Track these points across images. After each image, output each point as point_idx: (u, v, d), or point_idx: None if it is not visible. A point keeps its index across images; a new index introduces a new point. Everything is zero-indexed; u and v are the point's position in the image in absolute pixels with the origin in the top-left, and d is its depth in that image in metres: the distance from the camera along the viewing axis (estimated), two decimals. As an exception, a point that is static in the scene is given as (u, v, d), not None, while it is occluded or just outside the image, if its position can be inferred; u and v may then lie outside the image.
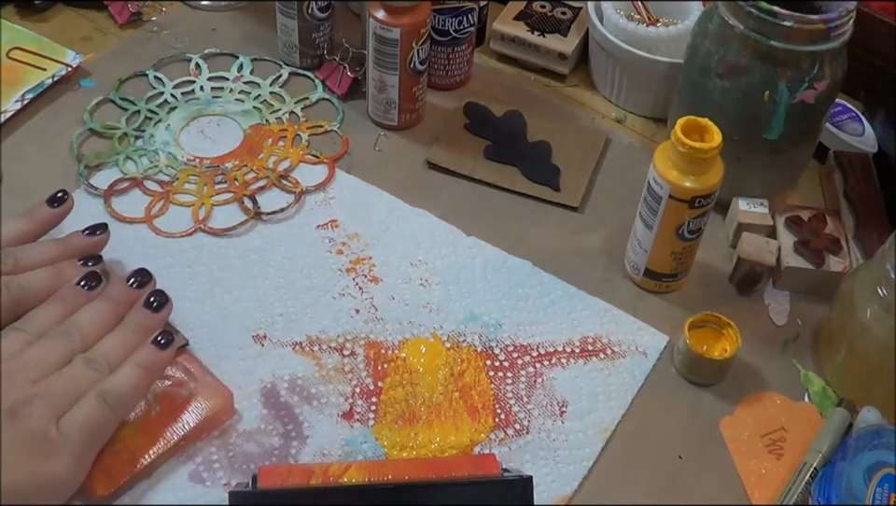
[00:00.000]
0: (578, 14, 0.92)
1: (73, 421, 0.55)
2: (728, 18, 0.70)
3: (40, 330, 0.59)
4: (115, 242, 0.68)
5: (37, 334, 0.58)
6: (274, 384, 0.64)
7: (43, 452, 0.53)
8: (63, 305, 0.60)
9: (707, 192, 0.65)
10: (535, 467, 0.61)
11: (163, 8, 0.94)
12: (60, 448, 0.53)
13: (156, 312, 0.62)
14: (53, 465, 0.53)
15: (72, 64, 0.84)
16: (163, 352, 0.59)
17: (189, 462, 0.59)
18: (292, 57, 0.87)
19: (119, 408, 0.57)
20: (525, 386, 0.66)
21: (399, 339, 0.68)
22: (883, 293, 0.62)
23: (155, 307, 0.62)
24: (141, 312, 0.62)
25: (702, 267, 0.74)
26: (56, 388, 0.55)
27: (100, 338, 0.60)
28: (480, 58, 0.92)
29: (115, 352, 0.59)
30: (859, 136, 0.84)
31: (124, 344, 0.60)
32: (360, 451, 0.61)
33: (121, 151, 0.78)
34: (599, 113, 0.88)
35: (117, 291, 0.63)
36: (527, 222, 0.77)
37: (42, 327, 0.59)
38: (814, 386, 0.68)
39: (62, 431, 0.54)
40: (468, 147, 0.82)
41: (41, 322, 0.59)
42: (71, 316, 0.60)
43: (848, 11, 0.69)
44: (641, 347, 0.69)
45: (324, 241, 0.74)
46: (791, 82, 0.70)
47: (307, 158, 0.80)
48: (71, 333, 0.59)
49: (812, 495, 0.60)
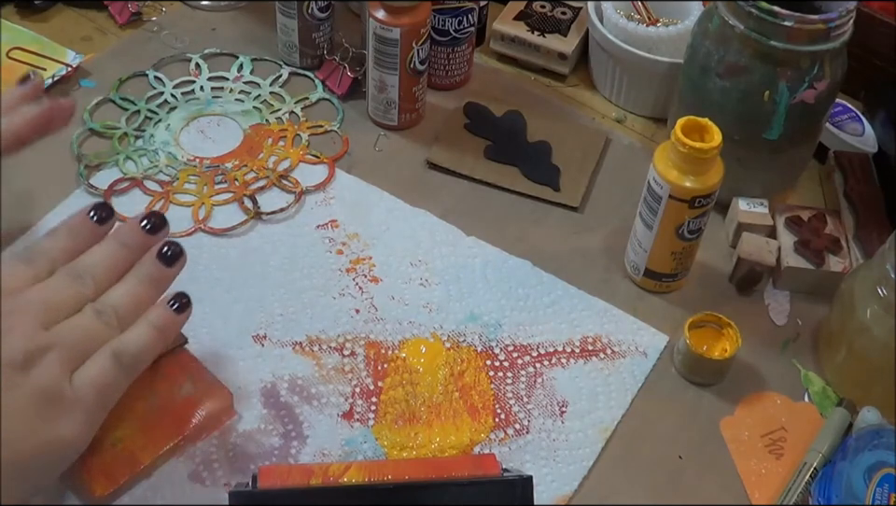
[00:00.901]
0: (578, 14, 0.92)
1: (86, 379, 0.51)
2: (728, 18, 0.70)
3: (48, 266, 0.54)
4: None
5: (45, 271, 0.53)
6: (274, 384, 0.64)
7: (55, 410, 0.49)
8: (73, 241, 0.55)
9: (707, 192, 0.65)
10: (535, 467, 0.61)
11: (163, 8, 0.94)
12: (72, 408, 0.50)
13: (169, 266, 0.57)
14: (64, 426, 0.49)
15: (72, 64, 0.84)
16: (179, 316, 0.56)
17: (188, 462, 0.59)
18: (292, 57, 0.87)
19: (131, 369, 0.53)
20: (525, 386, 0.66)
21: (399, 339, 0.68)
22: (883, 293, 0.62)
23: (169, 258, 0.56)
24: (154, 263, 0.56)
25: (702, 267, 0.74)
26: (70, 340, 0.51)
27: (110, 285, 0.55)
28: (480, 58, 0.92)
29: (125, 306, 0.54)
30: (859, 136, 0.84)
31: (135, 297, 0.55)
32: (360, 451, 0.61)
33: (121, 151, 0.78)
34: (599, 113, 0.88)
35: (129, 235, 0.57)
36: (527, 222, 0.77)
37: (50, 263, 0.54)
38: (814, 386, 0.68)
39: (75, 388, 0.50)
40: (468, 147, 0.82)
41: (49, 257, 0.54)
42: (81, 256, 0.55)
43: (848, 11, 0.69)
44: (641, 347, 0.69)
45: (324, 241, 0.74)
46: (791, 82, 0.70)
47: (307, 158, 0.80)
48: (83, 277, 0.54)
49: (812, 495, 0.60)
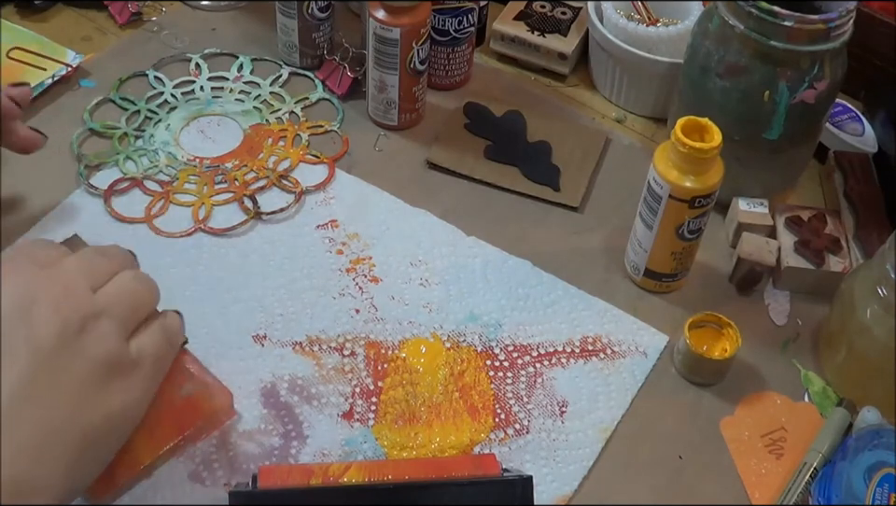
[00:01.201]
0: (578, 14, 0.92)
1: (143, 346, 0.50)
2: (728, 18, 0.70)
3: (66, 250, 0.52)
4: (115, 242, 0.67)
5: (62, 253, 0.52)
6: (274, 384, 0.64)
7: (118, 377, 0.48)
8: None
9: (707, 192, 0.65)
10: (535, 467, 0.61)
11: (163, 8, 0.94)
12: (133, 374, 0.49)
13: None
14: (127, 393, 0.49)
15: (72, 64, 0.84)
16: (178, 318, 0.57)
17: (188, 462, 0.59)
18: (292, 57, 0.87)
19: (175, 348, 0.53)
20: (525, 385, 0.66)
21: (398, 339, 0.68)
22: (883, 293, 0.62)
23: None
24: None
25: (702, 267, 0.74)
26: (120, 302, 0.50)
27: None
28: (480, 58, 0.92)
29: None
30: (859, 136, 0.84)
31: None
32: (360, 451, 0.61)
33: (121, 151, 0.78)
34: (599, 113, 0.88)
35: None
36: (527, 222, 0.77)
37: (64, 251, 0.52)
38: (814, 386, 0.68)
39: (133, 354, 0.49)
40: (468, 147, 0.82)
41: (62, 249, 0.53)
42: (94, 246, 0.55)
43: (848, 11, 0.69)
44: (641, 347, 0.69)
45: (324, 241, 0.74)
46: (791, 82, 0.70)
47: (307, 158, 0.80)
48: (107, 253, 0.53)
49: (812, 495, 0.60)
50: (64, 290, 0.48)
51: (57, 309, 0.47)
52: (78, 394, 0.47)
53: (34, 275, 0.48)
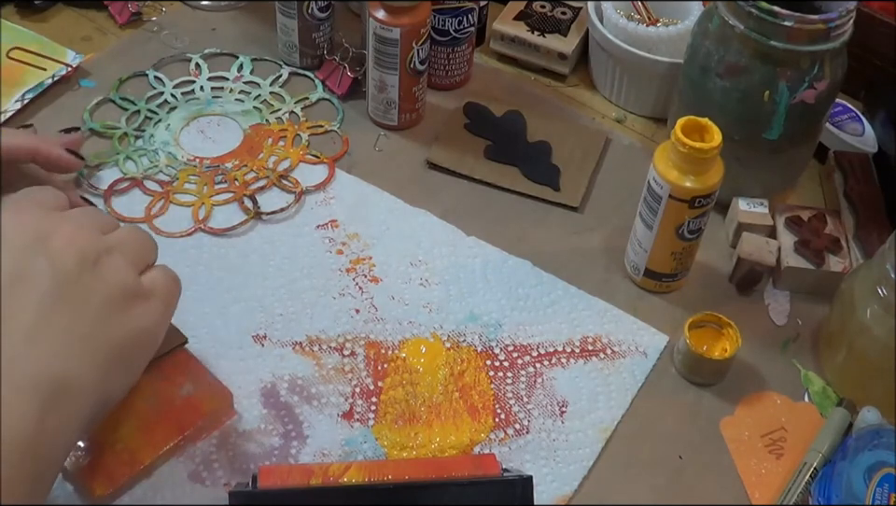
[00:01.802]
0: (578, 14, 0.92)
1: (154, 277, 0.53)
2: (728, 18, 0.70)
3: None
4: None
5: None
6: (274, 384, 0.64)
7: (134, 301, 0.50)
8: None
9: (707, 192, 0.65)
10: (535, 467, 0.61)
11: (163, 8, 0.94)
12: (147, 299, 0.51)
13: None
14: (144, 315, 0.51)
15: (72, 64, 0.84)
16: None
17: (188, 462, 0.59)
18: (292, 57, 0.87)
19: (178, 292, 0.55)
20: (525, 385, 0.66)
21: (398, 339, 0.68)
22: (883, 293, 0.62)
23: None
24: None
25: (702, 267, 0.74)
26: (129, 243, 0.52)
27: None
28: (480, 58, 0.92)
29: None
30: (859, 136, 0.84)
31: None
32: (360, 451, 0.61)
33: (121, 151, 0.78)
34: (599, 113, 0.88)
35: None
36: (527, 222, 0.77)
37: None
38: (814, 386, 0.68)
39: (146, 283, 0.52)
40: (468, 147, 0.82)
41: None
42: None
43: (848, 11, 0.69)
44: (641, 347, 0.69)
45: (324, 241, 0.74)
46: (791, 82, 0.70)
47: (307, 158, 0.80)
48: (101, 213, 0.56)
49: (812, 495, 0.60)
50: (77, 228, 0.50)
51: (73, 242, 0.49)
52: (101, 311, 0.49)
53: (45, 214, 0.50)
